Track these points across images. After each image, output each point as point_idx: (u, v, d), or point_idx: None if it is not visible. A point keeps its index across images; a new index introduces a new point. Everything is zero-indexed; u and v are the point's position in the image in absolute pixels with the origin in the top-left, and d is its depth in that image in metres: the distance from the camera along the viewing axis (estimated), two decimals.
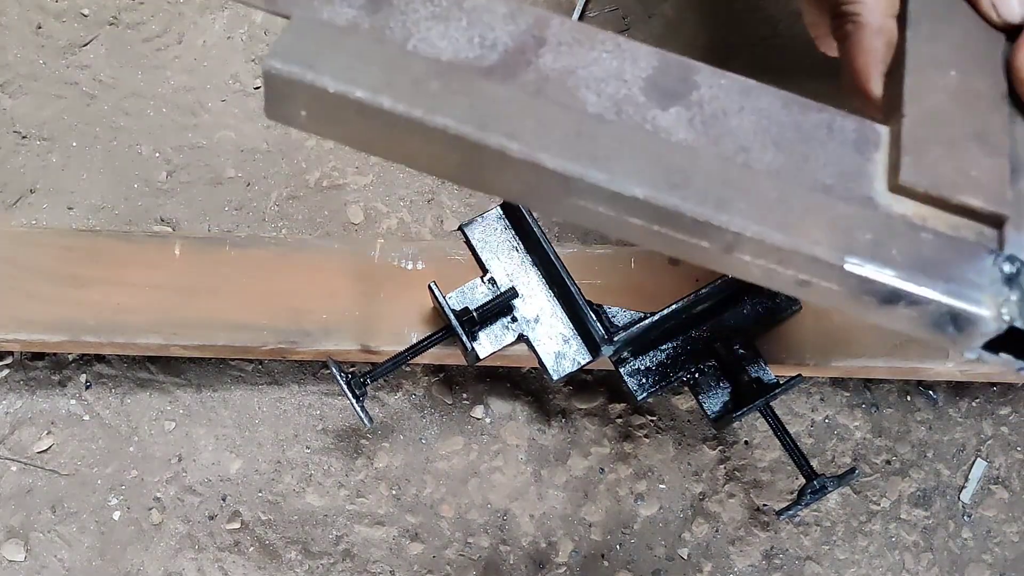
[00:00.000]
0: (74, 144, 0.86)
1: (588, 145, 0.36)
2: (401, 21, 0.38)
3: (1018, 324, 0.36)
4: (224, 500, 0.79)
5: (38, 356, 0.81)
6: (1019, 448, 0.81)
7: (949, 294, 0.36)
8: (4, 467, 0.79)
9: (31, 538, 0.78)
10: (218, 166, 0.86)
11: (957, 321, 0.36)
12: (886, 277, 0.36)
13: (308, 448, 0.80)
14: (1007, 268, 0.37)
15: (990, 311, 0.36)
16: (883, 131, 0.40)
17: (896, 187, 0.38)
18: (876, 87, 0.44)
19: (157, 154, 0.86)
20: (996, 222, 0.38)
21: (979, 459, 0.81)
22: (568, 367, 0.67)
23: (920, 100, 0.40)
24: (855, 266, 0.36)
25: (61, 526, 0.78)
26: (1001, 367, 0.37)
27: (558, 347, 0.67)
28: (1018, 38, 0.42)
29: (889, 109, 0.41)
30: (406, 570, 0.78)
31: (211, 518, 0.78)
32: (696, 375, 0.68)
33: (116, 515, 0.78)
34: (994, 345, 0.37)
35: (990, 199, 0.37)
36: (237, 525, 0.78)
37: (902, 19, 0.43)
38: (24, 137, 0.86)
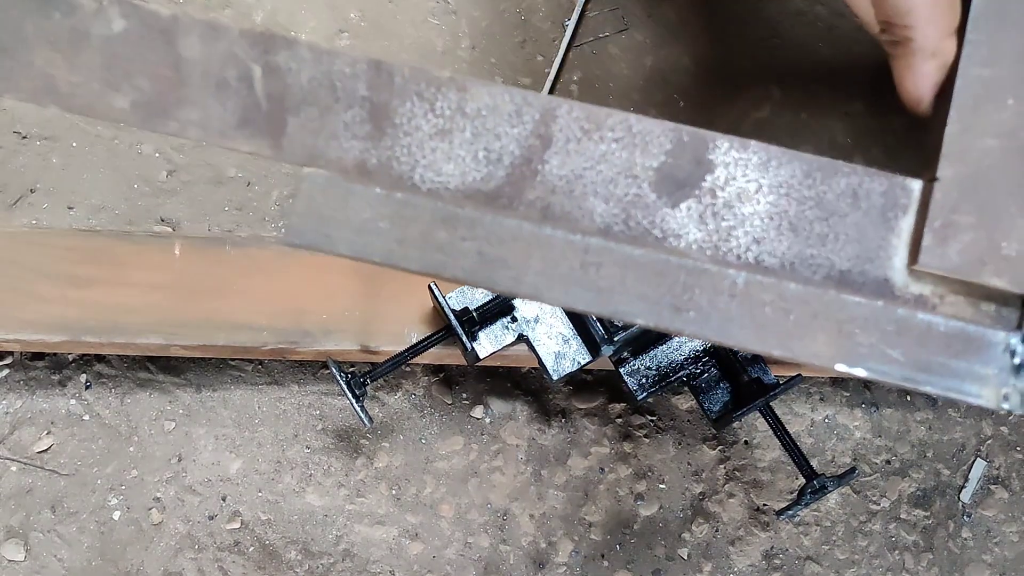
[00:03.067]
0: (74, 144, 0.86)
1: (592, 277, 0.37)
2: (406, 145, 0.38)
3: (1017, 410, 0.36)
4: (224, 500, 0.79)
5: (38, 356, 0.81)
6: (1019, 448, 0.81)
7: (947, 389, 0.37)
8: (4, 467, 0.79)
9: (31, 538, 0.78)
10: (219, 166, 0.86)
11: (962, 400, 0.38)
12: (883, 377, 0.37)
13: (308, 448, 0.80)
14: (1020, 352, 0.36)
15: (991, 403, 0.37)
16: (915, 189, 0.38)
17: (915, 269, 0.37)
18: (928, 109, 0.41)
19: (158, 154, 0.86)
20: (1020, 300, 0.37)
21: (979, 459, 0.81)
22: (568, 367, 0.67)
23: (961, 150, 0.37)
24: (848, 369, 0.37)
25: (61, 526, 0.78)
26: None
27: (558, 347, 0.67)
28: None
29: (931, 149, 0.39)
30: (406, 570, 0.78)
31: (211, 518, 0.79)
32: (696, 375, 0.68)
33: (116, 515, 0.78)
34: None
35: (1018, 277, 0.36)
36: (237, 525, 0.78)
37: (962, 29, 0.39)
38: (24, 137, 0.86)
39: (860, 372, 0.37)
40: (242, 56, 0.38)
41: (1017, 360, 0.37)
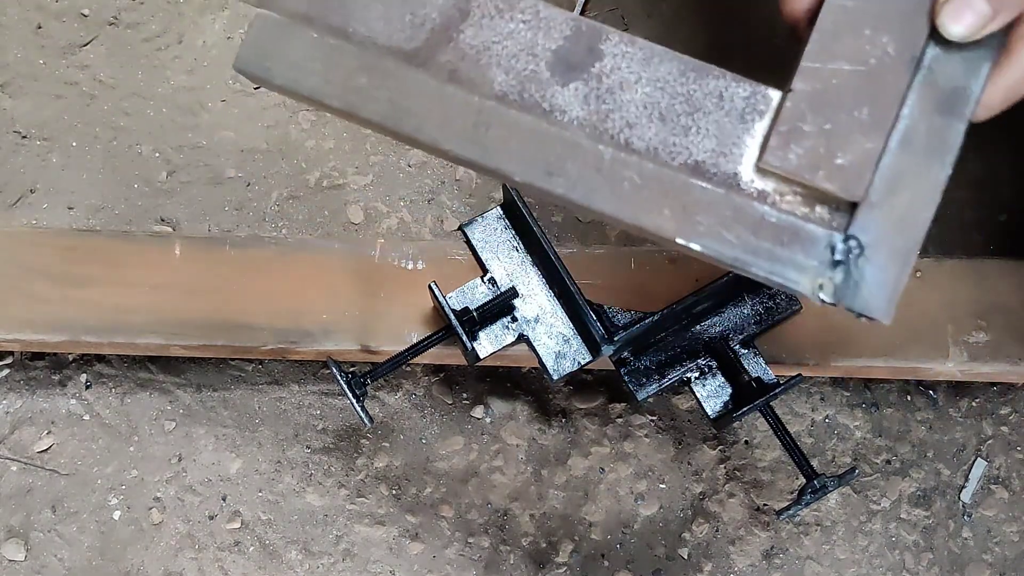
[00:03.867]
0: (74, 144, 0.86)
1: (482, 135, 0.43)
2: (345, 1, 0.44)
3: (829, 301, 0.41)
4: (224, 500, 0.79)
5: (38, 356, 0.81)
6: (1019, 448, 0.81)
7: (771, 272, 0.41)
8: (4, 467, 0.79)
9: (31, 538, 0.78)
10: (218, 166, 0.86)
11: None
12: (715, 254, 0.42)
13: (308, 448, 0.80)
14: (839, 250, 0.41)
15: (806, 290, 0.41)
16: (774, 97, 0.43)
17: (760, 166, 0.42)
18: (804, 31, 0.44)
19: (157, 154, 0.86)
20: (849, 205, 0.41)
21: (979, 459, 0.81)
22: (568, 367, 0.67)
23: (816, 68, 0.42)
24: (685, 243, 0.42)
25: (61, 526, 0.78)
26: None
27: (558, 347, 0.67)
28: None
29: (794, 65, 0.43)
30: (406, 570, 0.78)
31: (211, 518, 0.79)
32: (696, 375, 0.68)
33: (116, 515, 0.78)
34: None
35: (847, 184, 0.41)
36: (237, 525, 0.78)
37: None
38: (24, 137, 0.86)
39: (695, 246, 0.42)
40: None
41: (837, 256, 0.41)
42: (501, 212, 0.68)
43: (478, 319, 0.66)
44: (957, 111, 0.42)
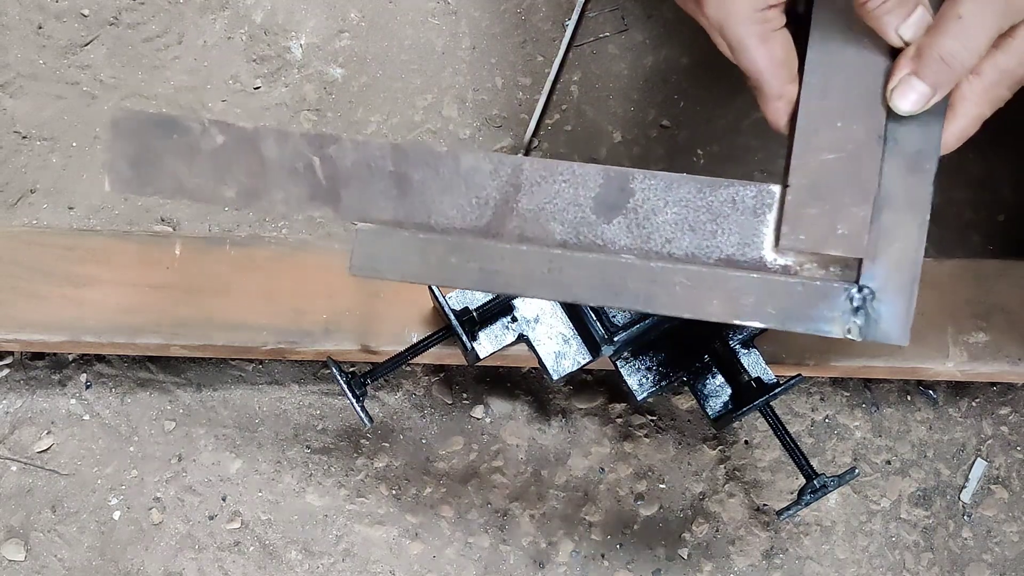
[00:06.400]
0: (74, 144, 0.86)
1: (556, 276, 0.51)
2: (422, 201, 0.51)
3: (857, 339, 0.50)
4: (224, 500, 0.79)
5: (38, 356, 0.81)
6: (1019, 448, 0.81)
7: (809, 328, 0.50)
8: (4, 467, 0.79)
9: (31, 538, 0.78)
10: None
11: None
12: (762, 324, 0.50)
13: (308, 448, 0.80)
14: (856, 299, 0.49)
15: (839, 335, 0.50)
16: (776, 191, 0.50)
17: (779, 248, 0.50)
18: (785, 131, 0.53)
19: None
20: (856, 261, 0.50)
21: (979, 459, 0.81)
22: (568, 367, 0.67)
23: (804, 163, 0.50)
24: (739, 321, 0.50)
25: (61, 526, 0.78)
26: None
27: (558, 347, 0.67)
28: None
29: (786, 162, 0.51)
30: (406, 570, 0.78)
31: (211, 518, 0.79)
32: (696, 375, 0.68)
33: (116, 515, 0.78)
34: None
35: (850, 247, 0.49)
36: (237, 525, 0.78)
37: (802, 72, 0.51)
38: (25, 137, 0.86)
39: (746, 323, 0.50)
40: (304, 151, 0.51)
41: (855, 304, 0.49)
42: None
43: (478, 319, 0.66)
44: (925, 168, 0.50)
